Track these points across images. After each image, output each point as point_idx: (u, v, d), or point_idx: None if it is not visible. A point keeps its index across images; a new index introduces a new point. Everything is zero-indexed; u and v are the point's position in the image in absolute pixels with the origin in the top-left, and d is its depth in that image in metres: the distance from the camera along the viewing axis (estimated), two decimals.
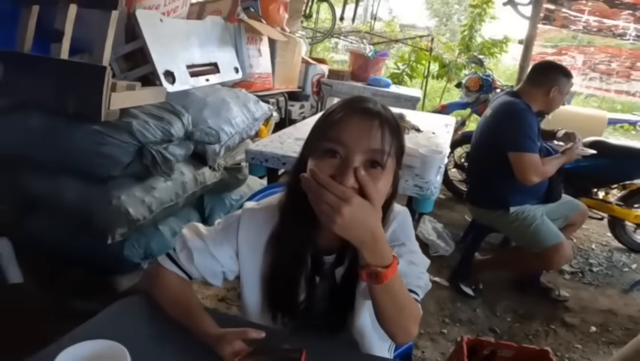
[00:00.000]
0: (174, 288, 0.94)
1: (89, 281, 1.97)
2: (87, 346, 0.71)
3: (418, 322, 0.88)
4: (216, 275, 0.98)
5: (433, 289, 2.52)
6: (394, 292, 0.80)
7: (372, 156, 0.78)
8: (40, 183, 1.90)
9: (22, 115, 1.85)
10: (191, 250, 0.95)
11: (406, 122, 2.30)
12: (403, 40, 7.49)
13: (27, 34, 1.85)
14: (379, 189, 0.78)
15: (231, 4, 3.02)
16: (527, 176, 2.14)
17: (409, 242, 0.96)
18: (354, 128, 0.78)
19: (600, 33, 4.46)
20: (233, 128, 2.35)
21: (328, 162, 0.77)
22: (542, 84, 2.28)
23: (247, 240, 0.96)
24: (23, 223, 2.08)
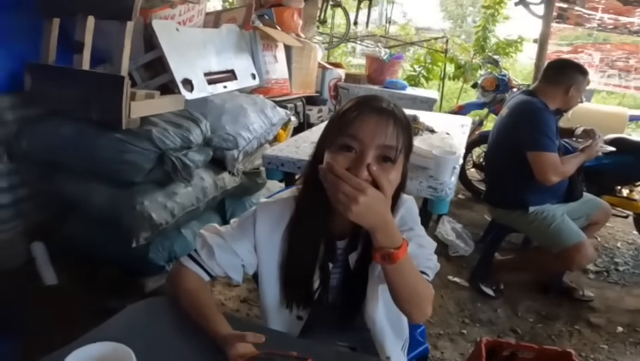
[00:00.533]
0: (193, 289, 0.97)
1: (119, 282, 2.05)
2: (93, 348, 0.73)
3: (431, 301, 0.92)
4: (237, 269, 1.02)
5: (452, 289, 2.57)
6: (406, 271, 0.85)
7: (385, 152, 0.84)
8: (72, 187, 1.99)
9: (53, 123, 1.94)
10: (212, 247, 0.99)
11: (419, 124, 2.27)
12: (417, 42, 7.47)
13: (50, 46, 1.92)
14: (391, 181, 0.84)
15: (246, 12, 3.07)
16: (547, 176, 2.09)
17: (416, 227, 1.01)
18: (370, 126, 0.84)
19: (616, 30, 4.41)
20: (251, 133, 2.38)
21: (345, 156, 0.84)
22: (560, 83, 2.23)
23: (264, 232, 1.01)
24: (57, 228, 2.17)
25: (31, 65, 1.98)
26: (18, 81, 2.03)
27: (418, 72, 6.65)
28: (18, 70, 2.03)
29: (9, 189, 2.13)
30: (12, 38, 2.03)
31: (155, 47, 2.21)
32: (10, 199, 2.14)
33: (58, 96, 1.91)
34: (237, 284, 2.47)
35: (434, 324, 2.25)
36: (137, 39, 2.15)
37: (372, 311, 0.99)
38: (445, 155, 1.78)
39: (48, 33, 1.91)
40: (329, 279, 1.02)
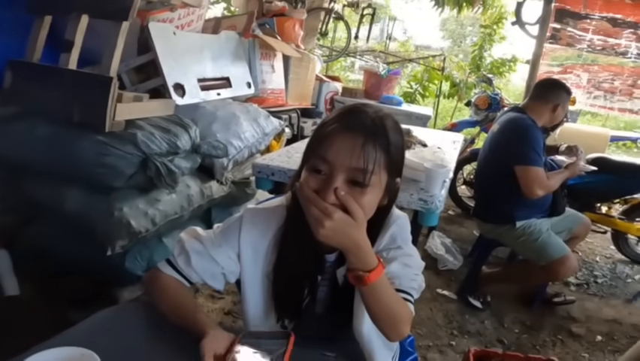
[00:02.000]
0: (172, 291, 0.94)
1: (89, 293, 1.94)
2: (55, 353, 0.69)
3: (409, 322, 0.92)
4: (216, 277, 0.98)
5: (441, 302, 2.63)
6: (379, 294, 0.85)
7: (354, 175, 0.80)
8: (43, 192, 1.89)
9: (27, 123, 1.85)
10: (189, 253, 0.95)
11: (412, 138, 2.31)
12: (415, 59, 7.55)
13: (37, 43, 1.86)
14: (363, 205, 0.80)
15: (247, 20, 3.05)
16: (533, 189, 2.17)
17: (405, 246, 1.00)
18: (338, 146, 0.81)
19: (604, 52, 4.54)
20: (242, 142, 2.34)
21: (314, 178, 0.82)
22: (548, 101, 2.35)
23: (249, 240, 0.98)
24: (23, 234, 2.06)
25: (13, 63, 1.92)
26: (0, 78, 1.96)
27: (415, 89, 6.72)
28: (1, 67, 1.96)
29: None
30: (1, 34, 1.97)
31: (149, 50, 2.17)
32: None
33: (39, 96, 1.84)
34: (221, 297, 2.42)
35: (423, 336, 2.31)
36: (131, 41, 2.10)
37: (359, 324, 0.96)
38: (436, 168, 1.80)
39: (37, 30, 1.85)
40: (317, 291, 1.01)
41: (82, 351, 0.70)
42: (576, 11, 4.42)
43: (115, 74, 1.70)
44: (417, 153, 2.02)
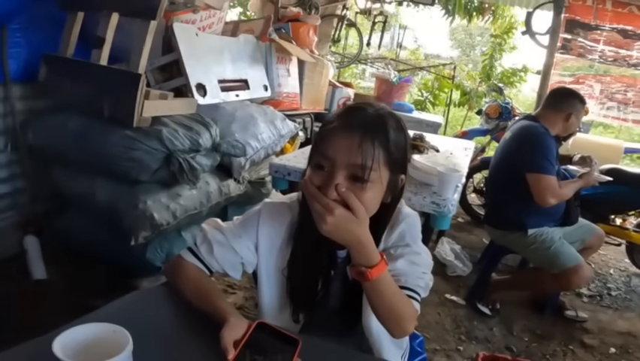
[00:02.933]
0: (194, 277, 0.96)
1: (111, 282, 2.01)
2: (88, 328, 0.70)
3: (413, 320, 0.92)
4: (235, 267, 1.01)
5: (449, 307, 2.60)
6: (382, 290, 0.86)
7: (354, 171, 0.82)
8: (74, 182, 1.99)
9: (61, 116, 1.94)
10: (211, 243, 0.98)
11: (425, 143, 2.34)
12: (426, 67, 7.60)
13: (71, 39, 1.93)
14: (364, 200, 0.82)
15: (264, 25, 3.12)
16: (544, 197, 2.16)
17: (413, 244, 0.99)
18: (338, 143, 0.83)
19: (615, 63, 4.53)
20: (259, 143, 2.39)
21: (317, 174, 0.84)
22: (561, 109, 2.33)
23: (267, 233, 1.01)
24: (54, 223, 2.15)
25: (48, 57, 1.99)
26: (32, 72, 2.04)
27: (425, 97, 6.76)
28: (34, 60, 2.04)
29: (8, 179, 2.13)
30: (32, 29, 2.05)
31: (173, 50, 2.24)
32: (8, 190, 2.14)
33: (72, 89, 1.91)
34: (233, 292, 2.47)
35: (431, 339, 2.30)
36: (157, 41, 2.17)
37: (367, 320, 0.98)
38: (449, 172, 1.85)
39: (70, 26, 1.93)
40: (330, 285, 1.02)
41: (114, 328, 0.71)
42: (586, 22, 4.43)
43: (143, 72, 1.77)
44: (430, 158, 2.07)
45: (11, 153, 2.11)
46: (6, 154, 2.10)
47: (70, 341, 0.67)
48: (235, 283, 2.53)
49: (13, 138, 2.08)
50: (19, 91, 2.06)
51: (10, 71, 1.99)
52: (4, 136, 2.07)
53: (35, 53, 2.05)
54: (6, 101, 2.02)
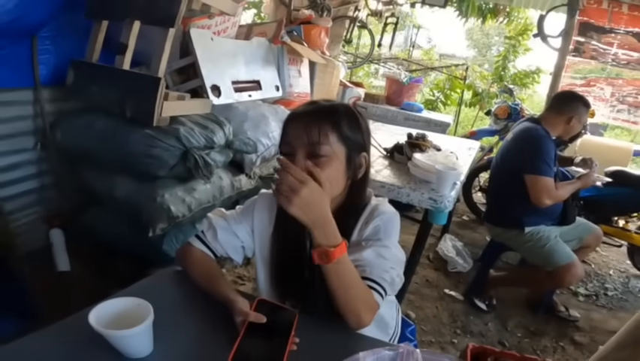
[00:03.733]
0: (201, 262, 1.09)
1: (130, 272, 2.15)
2: (117, 302, 0.84)
3: (373, 311, 0.94)
4: (237, 251, 1.13)
5: (447, 302, 2.74)
6: (343, 274, 0.90)
7: (310, 150, 0.96)
8: (98, 178, 2.13)
9: (89, 117, 2.10)
10: (215, 229, 1.11)
11: (427, 142, 2.44)
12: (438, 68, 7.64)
13: (96, 46, 2.08)
14: (327, 175, 0.93)
15: (276, 28, 3.24)
16: (541, 198, 2.25)
17: (386, 239, 1.03)
18: (293, 129, 0.99)
19: (628, 66, 4.54)
20: (270, 140, 2.53)
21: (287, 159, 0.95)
22: (564, 113, 2.40)
23: (260, 219, 1.13)
24: (78, 217, 2.31)
25: (75, 62, 2.14)
26: (61, 76, 2.19)
27: (437, 97, 6.81)
28: (62, 66, 2.19)
29: (36, 175, 2.28)
30: (60, 37, 2.20)
31: (190, 54, 2.39)
32: (36, 185, 2.29)
33: (97, 92, 2.06)
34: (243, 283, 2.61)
35: (427, 332, 2.40)
36: (175, 45, 2.31)
37: None
38: (446, 170, 1.93)
39: (95, 34, 2.08)
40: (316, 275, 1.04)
41: (138, 301, 0.84)
42: (601, 25, 4.43)
43: (163, 75, 1.90)
44: (430, 156, 2.16)
45: (40, 152, 2.25)
46: (35, 152, 2.24)
47: (103, 313, 0.81)
48: (244, 275, 2.68)
49: (42, 138, 2.23)
50: (48, 94, 2.21)
51: (40, 76, 2.14)
52: (34, 136, 2.22)
53: (63, 59, 2.19)
54: (36, 104, 2.18)
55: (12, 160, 2.15)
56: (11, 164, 2.15)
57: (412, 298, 2.71)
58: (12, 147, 2.13)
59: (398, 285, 1.04)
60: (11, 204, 2.18)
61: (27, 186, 2.25)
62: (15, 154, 2.16)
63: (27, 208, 2.28)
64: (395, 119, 4.48)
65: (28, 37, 2.06)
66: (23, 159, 2.21)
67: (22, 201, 2.25)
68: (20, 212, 2.24)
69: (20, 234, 2.20)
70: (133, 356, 0.81)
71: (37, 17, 1.94)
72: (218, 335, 0.89)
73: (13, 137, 2.13)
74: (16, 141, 2.15)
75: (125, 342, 0.79)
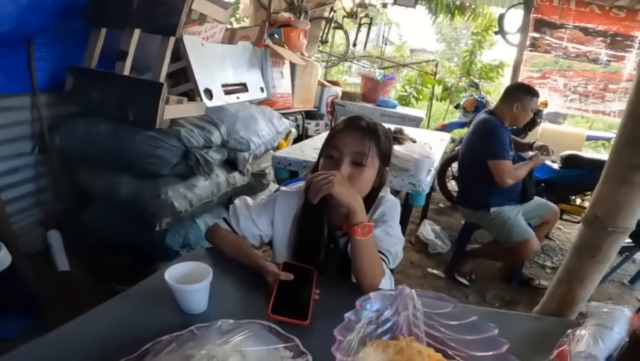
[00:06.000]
0: (230, 237, 1.28)
1: (131, 269, 2.26)
2: (182, 266, 1.02)
3: (382, 277, 1.15)
4: (255, 237, 1.31)
5: (431, 279, 3.05)
6: (370, 247, 1.12)
7: (355, 158, 1.16)
8: (102, 179, 2.25)
9: (88, 121, 2.21)
10: (238, 217, 1.29)
11: (404, 135, 2.67)
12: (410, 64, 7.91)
13: (95, 52, 2.19)
14: (362, 179, 1.16)
15: (259, 31, 3.40)
16: (504, 179, 2.53)
17: (391, 221, 1.27)
18: (344, 137, 1.17)
19: (577, 58, 4.88)
20: (260, 139, 2.70)
21: (328, 162, 1.18)
22: (509, 102, 2.70)
23: (280, 213, 1.30)
24: (74, 217, 2.40)
25: (73, 69, 2.25)
26: (58, 82, 2.28)
27: (409, 93, 7.06)
28: (59, 72, 2.28)
29: (34, 179, 2.36)
30: (56, 44, 2.28)
31: (181, 58, 2.52)
32: (34, 188, 2.38)
33: (97, 97, 2.17)
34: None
35: None
36: None
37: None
38: (422, 158, 2.20)
39: (94, 41, 2.18)
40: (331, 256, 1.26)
41: (197, 264, 1.02)
42: (552, 21, 4.77)
43: (164, 81, 2.05)
44: (407, 148, 2.40)
45: (38, 156, 2.33)
46: (33, 156, 2.32)
47: (173, 274, 0.99)
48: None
49: (40, 142, 2.31)
50: (45, 100, 2.29)
51: (38, 82, 2.22)
52: (33, 140, 2.30)
53: (59, 66, 2.28)
54: (34, 109, 2.26)
55: (11, 164, 2.24)
56: (10, 168, 2.23)
57: (398, 278, 2.90)
58: (11, 152, 2.22)
59: (399, 259, 1.26)
60: (10, 207, 2.25)
61: (26, 189, 2.34)
62: (14, 158, 2.24)
63: (25, 211, 2.36)
64: (372, 115, 4.60)
65: (26, 44, 2.14)
66: (22, 163, 2.29)
67: (21, 204, 2.33)
68: (19, 214, 2.33)
69: (20, 236, 2.26)
70: (193, 312, 0.98)
71: (35, 25, 2.02)
72: (254, 293, 1.07)
73: (12, 142, 2.21)
74: (14, 145, 2.23)
75: (190, 296, 0.96)
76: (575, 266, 1.40)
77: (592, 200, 1.39)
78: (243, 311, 0.99)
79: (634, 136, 1.25)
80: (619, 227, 1.30)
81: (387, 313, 0.85)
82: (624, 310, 0.97)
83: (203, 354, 0.75)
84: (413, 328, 0.83)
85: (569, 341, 0.90)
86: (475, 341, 0.84)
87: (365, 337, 0.79)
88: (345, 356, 0.75)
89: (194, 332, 0.86)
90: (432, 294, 0.93)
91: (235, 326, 0.87)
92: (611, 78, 4.87)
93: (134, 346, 0.80)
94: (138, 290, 1.07)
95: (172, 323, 0.91)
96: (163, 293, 0.97)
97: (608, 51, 4.70)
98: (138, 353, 0.78)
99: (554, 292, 1.45)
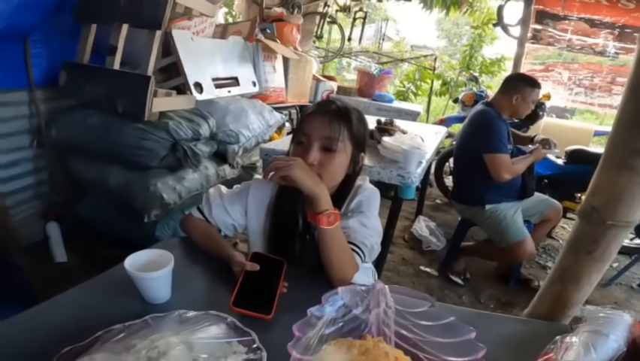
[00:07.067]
0: (202, 227, 1.25)
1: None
2: (143, 253, 1.00)
3: (355, 270, 1.10)
4: (227, 227, 1.28)
5: (423, 278, 2.99)
6: (340, 237, 1.07)
7: (325, 143, 1.11)
8: (93, 171, 2.29)
9: (82, 114, 2.25)
10: (211, 205, 1.25)
11: (394, 127, 2.64)
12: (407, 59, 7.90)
13: (86, 48, 2.23)
14: (333, 166, 1.12)
15: (250, 26, 3.41)
16: (500, 174, 2.42)
17: (367, 211, 1.20)
18: (313, 122, 1.13)
19: (582, 51, 4.78)
20: (250, 132, 2.73)
21: (298, 148, 1.14)
22: (508, 93, 2.58)
23: (254, 202, 1.26)
24: (73, 210, 2.45)
25: (67, 64, 2.29)
26: (53, 77, 2.32)
27: (407, 88, 7.05)
28: (54, 67, 2.32)
29: (33, 172, 2.41)
30: (51, 40, 2.33)
31: (171, 53, 2.55)
32: (33, 181, 2.42)
33: (89, 91, 2.21)
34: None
35: None
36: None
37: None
38: (411, 149, 2.11)
39: (85, 36, 2.23)
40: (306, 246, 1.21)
41: (160, 252, 0.99)
42: (555, 13, 4.64)
43: (152, 74, 2.08)
44: (397, 139, 2.36)
45: (36, 149, 2.37)
46: (31, 150, 2.37)
47: (134, 262, 0.97)
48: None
49: (38, 136, 2.35)
50: (42, 94, 2.34)
51: (34, 77, 2.27)
52: (30, 134, 2.35)
53: (54, 61, 2.33)
54: (31, 104, 2.31)
55: (10, 158, 2.29)
56: (9, 162, 2.28)
57: (389, 275, 2.84)
58: (9, 146, 2.26)
59: (376, 252, 1.19)
60: (10, 199, 2.30)
61: (24, 182, 2.38)
62: (12, 152, 2.29)
63: (25, 203, 2.41)
64: (367, 110, 4.66)
65: (21, 40, 2.19)
66: (20, 157, 2.34)
67: (20, 197, 2.37)
68: (18, 207, 2.37)
69: (19, 228, 2.32)
70: (154, 301, 0.95)
71: (30, 22, 2.06)
72: (221, 285, 1.04)
73: (10, 136, 2.26)
74: (13, 139, 2.28)
75: (150, 285, 0.94)
76: (570, 264, 1.26)
77: (588, 190, 1.25)
78: (207, 302, 0.97)
79: (635, 117, 1.11)
80: (619, 220, 1.14)
81: (357, 310, 0.80)
82: (624, 315, 0.88)
83: (144, 344, 0.73)
84: (383, 327, 0.77)
85: (556, 348, 0.82)
86: (449, 344, 0.77)
87: (329, 335, 0.74)
88: (302, 354, 0.70)
89: (148, 322, 0.84)
90: (407, 291, 0.88)
91: (192, 317, 0.85)
92: (619, 71, 4.75)
93: (87, 335, 0.78)
94: (103, 279, 1.06)
95: (132, 312, 0.88)
96: (127, 282, 0.95)
97: (616, 43, 4.55)
98: (86, 341, 0.77)
99: (546, 293, 1.33)
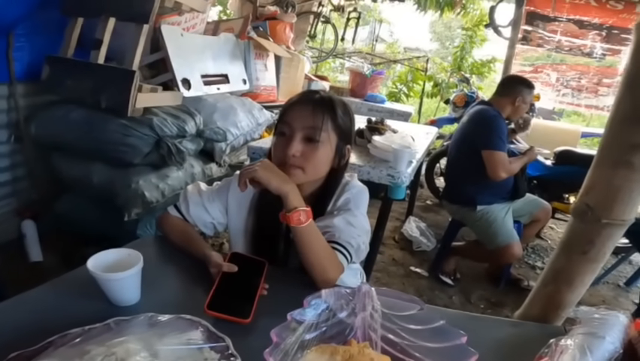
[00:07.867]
0: (179, 225, 1.19)
1: None
2: (110, 253, 0.92)
3: (339, 271, 1.03)
4: (207, 225, 1.21)
5: (413, 278, 2.96)
6: (317, 235, 1.00)
7: (308, 133, 1.05)
8: (74, 167, 2.23)
9: (63, 109, 2.19)
10: (188, 203, 1.19)
11: (385, 126, 2.62)
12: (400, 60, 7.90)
13: (71, 42, 2.18)
14: (317, 157, 1.06)
15: (243, 24, 3.37)
16: (497, 171, 2.42)
17: (355, 209, 1.13)
18: (295, 112, 1.07)
19: (571, 52, 4.83)
20: (238, 130, 2.69)
21: (280, 139, 1.08)
22: (508, 95, 2.62)
23: (235, 200, 1.20)
24: (50, 207, 2.38)
25: (50, 58, 2.23)
26: (35, 72, 2.26)
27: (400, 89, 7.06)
28: (36, 62, 2.26)
29: (10, 168, 2.35)
30: (34, 34, 2.28)
31: (160, 49, 2.51)
32: (9, 178, 2.36)
33: (72, 86, 2.16)
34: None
35: None
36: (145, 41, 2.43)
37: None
38: (402, 149, 2.09)
39: (71, 30, 2.18)
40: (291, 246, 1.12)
41: (129, 252, 0.92)
42: (545, 14, 4.68)
43: (137, 69, 2.03)
44: (387, 138, 2.34)
45: (14, 145, 2.31)
46: (9, 145, 2.30)
47: (99, 262, 0.90)
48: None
49: (16, 131, 2.29)
50: (22, 89, 2.28)
51: (15, 72, 2.22)
52: (8, 129, 2.28)
53: (37, 55, 2.27)
54: (10, 98, 2.25)
55: None
56: None
57: (379, 276, 2.84)
58: None
59: (363, 252, 1.12)
60: None
61: (1, 178, 2.32)
62: None
63: (1, 200, 2.34)
64: (359, 110, 4.65)
65: (4, 34, 2.14)
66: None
67: None
68: None
69: None
70: (122, 304, 0.89)
71: (14, 15, 2.02)
72: (197, 286, 0.98)
73: None
74: None
75: (116, 286, 0.87)
76: (563, 265, 1.23)
77: (582, 188, 1.21)
78: (180, 305, 0.91)
79: (632, 111, 1.06)
80: (615, 219, 1.10)
81: (341, 314, 0.76)
82: (619, 316, 0.86)
83: (100, 350, 0.66)
84: (370, 331, 0.73)
85: (550, 351, 0.80)
86: (439, 349, 0.74)
87: (311, 340, 0.70)
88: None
89: (110, 326, 0.77)
90: (395, 293, 0.83)
91: (161, 321, 0.78)
92: (605, 72, 4.81)
93: (42, 338, 0.72)
94: (68, 279, 0.99)
95: (96, 315, 0.81)
96: (95, 283, 0.88)
97: (603, 45, 4.61)
98: (38, 346, 0.71)
99: (538, 295, 1.30)
